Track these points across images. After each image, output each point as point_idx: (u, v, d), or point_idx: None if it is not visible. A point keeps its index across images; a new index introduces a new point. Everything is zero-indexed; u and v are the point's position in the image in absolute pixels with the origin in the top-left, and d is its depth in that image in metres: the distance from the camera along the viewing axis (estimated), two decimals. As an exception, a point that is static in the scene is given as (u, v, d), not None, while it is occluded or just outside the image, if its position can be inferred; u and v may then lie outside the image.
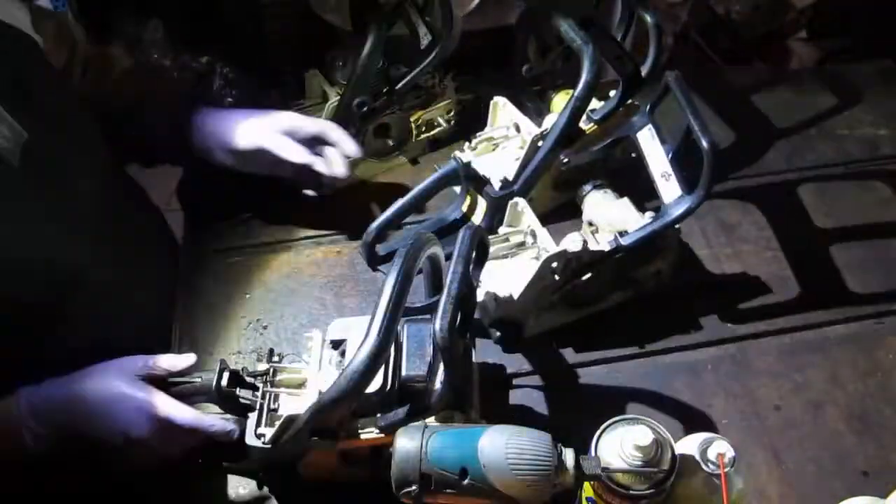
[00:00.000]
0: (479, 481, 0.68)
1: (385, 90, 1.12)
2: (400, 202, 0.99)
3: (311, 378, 0.83)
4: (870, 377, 0.98)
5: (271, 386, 0.84)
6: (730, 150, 1.27)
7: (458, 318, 0.78)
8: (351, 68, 1.11)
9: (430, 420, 0.79)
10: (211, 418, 0.82)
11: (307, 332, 0.88)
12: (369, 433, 0.79)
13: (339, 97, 1.12)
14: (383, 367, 0.78)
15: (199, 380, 0.84)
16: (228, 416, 0.84)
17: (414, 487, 0.69)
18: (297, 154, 1.04)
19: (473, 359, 0.90)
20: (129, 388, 0.79)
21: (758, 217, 1.17)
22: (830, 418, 0.94)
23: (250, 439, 0.80)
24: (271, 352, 0.87)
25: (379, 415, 0.79)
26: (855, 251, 1.12)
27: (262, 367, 0.85)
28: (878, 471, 0.89)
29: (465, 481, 0.68)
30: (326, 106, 1.14)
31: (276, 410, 0.82)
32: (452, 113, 1.25)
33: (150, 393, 0.80)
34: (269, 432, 0.79)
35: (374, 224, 0.96)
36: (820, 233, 1.15)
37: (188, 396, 0.83)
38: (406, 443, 0.70)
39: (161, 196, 1.24)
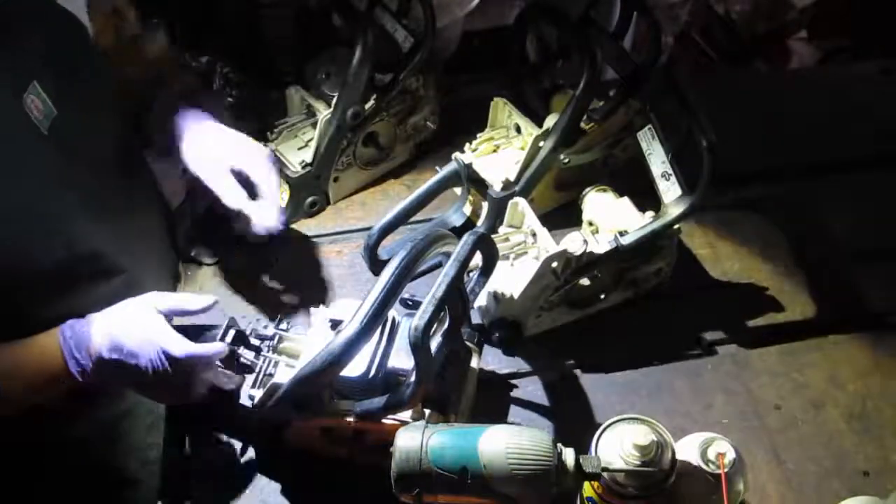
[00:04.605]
0: (479, 481, 0.68)
1: (373, 97, 1.11)
2: (402, 205, 0.99)
3: (304, 352, 0.85)
4: (870, 377, 0.98)
5: (273, 352, 0.86)
6: (730, 150, 1.26)
7: (448, 321, 0.79)
8: (336, 79, 1.09)
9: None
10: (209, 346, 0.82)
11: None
12: (348, 416, 0.80)
13: (329, 110, 1.09)
14: (371, 354, 0.79)
15: (209, 332, 0.85)
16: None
17: (414, 487, 0.69)
18: (230, 195, 0.94)
19: (475, 365, 0.90)
20: (148, 318, 0.81)
21: (758, 217, 1.17)
22: (830, 418, 0.94)
23: (244, 399, 0.82)
24: (280, 318, 0.88)
25: (358, 400, 0.80)
26: (855, 251, 1.12)
27: (270, 331, 0.86)
28: (878, 471, 0.89)
29: (466, 481, 0.69)
30: (319, 119, 1.09)
31: (271, 376, 0.84)
32: (436, 115, 1.24)
33: (164, 326, 0.81)
34: (258, 395, 0.81)
35: (376, 227, 0.96)
36: (820, 232, 1.15)
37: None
38: (406, 442, 0.70)
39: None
